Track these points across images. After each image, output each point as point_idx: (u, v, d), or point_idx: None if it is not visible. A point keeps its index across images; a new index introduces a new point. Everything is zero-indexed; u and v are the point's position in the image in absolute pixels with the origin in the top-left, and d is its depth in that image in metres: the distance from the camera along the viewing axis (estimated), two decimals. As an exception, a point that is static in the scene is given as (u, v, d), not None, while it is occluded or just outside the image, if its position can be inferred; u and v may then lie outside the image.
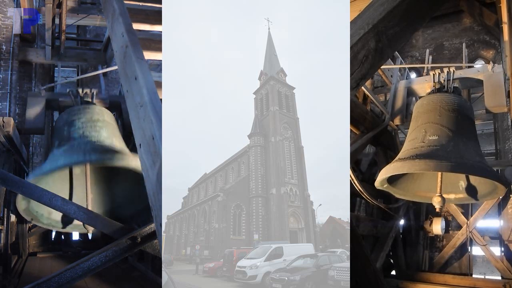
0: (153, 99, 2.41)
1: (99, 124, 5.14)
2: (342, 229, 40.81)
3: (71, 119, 5.14)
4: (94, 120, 5.16)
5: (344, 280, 12.38)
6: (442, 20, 11.00)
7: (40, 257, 8.18)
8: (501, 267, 7.13)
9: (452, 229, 8.18)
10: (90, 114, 5.21)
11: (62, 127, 5.14)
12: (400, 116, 6.80)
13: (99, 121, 5.17)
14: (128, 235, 3.79)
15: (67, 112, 5.32)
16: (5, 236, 5.96)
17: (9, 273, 5.99)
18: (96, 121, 5.16)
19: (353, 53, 2.83)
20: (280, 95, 39.60)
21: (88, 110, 5.27)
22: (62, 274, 3.45)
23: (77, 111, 5.28)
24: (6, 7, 8.44)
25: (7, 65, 8.33)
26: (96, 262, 3.59)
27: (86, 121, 5.11)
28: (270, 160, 35.49)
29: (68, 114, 5.26)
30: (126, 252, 3.81)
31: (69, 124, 5.10)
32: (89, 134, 4.98)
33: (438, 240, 8.46)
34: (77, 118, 5.14)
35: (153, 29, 4.13)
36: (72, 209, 4.06)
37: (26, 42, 8.66)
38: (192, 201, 51.56)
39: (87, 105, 5.43)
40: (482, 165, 4.38)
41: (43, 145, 9.26)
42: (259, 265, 16.02)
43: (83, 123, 5.08)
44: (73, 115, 5.18)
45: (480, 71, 5.98)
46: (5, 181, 4.37)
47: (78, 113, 5.22)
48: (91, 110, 5.29)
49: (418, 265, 8.08)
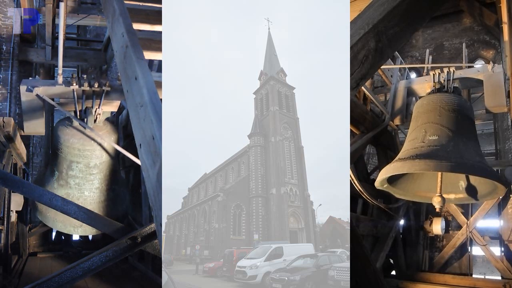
0: (153, 99, 2.42)
1: (94, 172, 5.49)
2: (342, 229, 40.78)
3: (69, 159, 5.35)
4: (91, 167, 5.44)
5: (344, 280, 12.37)
6: (442, 20, 11.00)
7: (40, 257, 8.19)
8: (501, 267, 7.13)
9: (452, 229, 8.18)
10: (88, 160, 5.37)
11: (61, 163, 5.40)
12: (400, 116, 6.80)
13: (96, 167, 5.46)
14: (128, 235, 3.80)
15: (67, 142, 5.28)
16: (5, 236, 5.95)
17: (9, 273, 5.99)
18: (93, 167, 5.45)
19: (353, 53, 2.83)
20: (280, 95, 39.58)
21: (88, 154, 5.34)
22: (63, 274, 3.45)
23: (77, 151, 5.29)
24: (6, 7, 8.44)
25: (7, 65, 8.33)
26: (97, 262, 3.60)
27: (83, 168, 5.41)
28: (270, 160, 35.48)
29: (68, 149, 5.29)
30: (126, 252, 3.82)
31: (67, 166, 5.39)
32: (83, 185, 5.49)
33: (438, 240, 8.45)
34: (75, 161, 5.35)
35: (153, 29, 4.14)
36: (73, 209, 4.06)
37: (26, 42, 8.67)
38: (192, 201, 51.54)
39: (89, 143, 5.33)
40: (482, 165, 4.37)
41: (43, 145, 9.26)
42: (259, 265, 16.01)
43: (81, 171, 5.43)
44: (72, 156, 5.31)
45: (480, 71, 5.97)
46: (5, 181, 4.37)
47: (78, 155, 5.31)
48: (90, 154, 5.35)
49: (418, 265, 8.08)
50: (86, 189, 5.54)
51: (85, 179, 5.51)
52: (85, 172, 5.47)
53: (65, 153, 5.35)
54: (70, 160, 5.38)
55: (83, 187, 5.53)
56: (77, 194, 5.50)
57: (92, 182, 5.55)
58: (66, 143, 5.26)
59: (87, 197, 5.55)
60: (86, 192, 5.54)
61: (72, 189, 5.51)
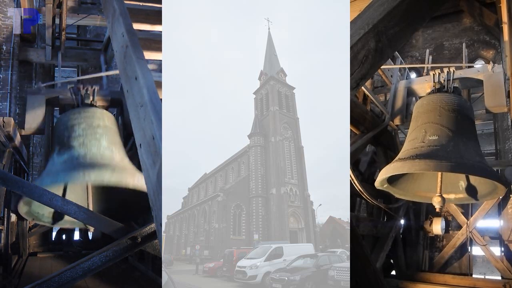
0: (153, 99, 2.42)
1: (99, 131, 4.95)
2: (342, 229, 40.79)
3: (71, 124, 5.01)
4: (94, 126, 4.99)
5: (344, 280, 12.38)
6: (442, 20, 11.00)
7: (40, 257, 8.18)
8: (501, 267, 7.13)
9: (452, 229, 8.18)
10: (91, 119, 5.06)
11: (62, 132, 5.02)
12: (400, 116, 6.80)
13: (99, 127, 5.01)
14: (128, 235, 3.80)
15: (67, 114, 5.22)
16: (6, 236, 5.95)
17: (9, 273, 5.99)
18: (97, 127, 4.99)
19: (353, 53, 2.83)
20: (280, 95, 39.60)
21: (88, 114, 5.13)
22: (63, 274, 3.45)
23: (77, 114, 5.14)
24: (6, 7, 8.45)
25: (7, 65, 8.33)
26: (97, 262, 3.60)
27: (86, 128, 4.95)
28: (270, 160, 35.49)
29: (68, 117, 5.16)
30: (127, 252, 3.82)
31: (69, 129, 4.95)
32: (88, 142, 4.78)
33: (438, 240, 8.46)
34: (77, 123, 4.98)
35: (153, 29, 4.14)
36: (73, 209, 4.06)
37: (26, 42, 8.67)
38: (192, 201, 51.55)
39: (88, 107, 5.29)
40: (482, 165, 4.38)
41: (44, 145, 9.26)
42: (259, 265, 16.02)
43: (84, 130, 4.91)
44: (73, 119, 5.05)
45: (480, 71, 5.98)
46: (5, 181, 4.37)
47: (78, 117, 5.08)
48: (91, 114, 5.15)
49: (418, 265, 8.08)
50: (94, 146, 4.74)
51: (91, 137, 4.82)
52: (89, 131, 4.89)
53: (63, 124, 5.00)
54: (71, 124, 4.93)
55: (90, 144, 4.75)
56: (82, 152, 4.66)
57: (99, 140, 4.81)
58: (64, 118, 5.13)
59: (95, 154, 4.66)
60: (94, 149, 4.71)
61: (76, 150, 4.69)
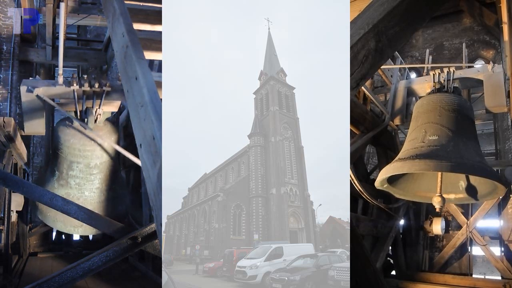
0: (154, 99, 2.42)
1: (95, 172, 5.48)
2: (342, 229, 40.77)
3: (70, 159, 5.34)
4: (91, 167, 5.44)
5: (344, 280, 12.37)
6: (442, 20, 11.00)
7: (40, 257, 8.19)
8: (501, 267, 7.13)
9: (452, 229, 8.18)
10: (88, 160, 5.37)
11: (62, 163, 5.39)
12: (400, 116, 6.80)
13: (96, 167, 5.45)
14: (128, 235, 3.80)
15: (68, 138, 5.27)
16: (6, 236, 5.95)
17: (9, 273, 5.99)
18: (94, 167, 5.44)
19: (353, 53, 2.84)
20: (280, 95, 39.58)
21: (88, 154, 5.33)
22: (63, 274, 3.46)
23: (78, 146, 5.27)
24: (7, 7, 8.45)
25: (7, 65, 8.34)
26: (97, 262, 3.60)
27: (84, 168, 5.41)
28: (270, 160, 35.47)
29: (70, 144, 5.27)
30: (127, 252, 3.83)
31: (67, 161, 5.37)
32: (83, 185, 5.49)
33: (438, 240, 8.46)
34: (76, 161, 5.34)
35: (153, 29, 4.14)
36: (73, 209, 4.06)
37: (26, 42, 8.67)
38: (192, 201, 51.53)
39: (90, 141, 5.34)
40: (482, 165, 4.38)
41: (44, 145, 9.27)
42: (259, 265, 16.01)
43: (81, 171, 5.42)
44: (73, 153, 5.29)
45: (480, 71, 5.97)
46: (5, 181, 4.38)
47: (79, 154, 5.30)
48: (91, 154, 5.35)
49: (418, 265, 8.08)
50: (87, 189, 5.55)
51: (86, 179, 5.51)
52: (85, 172, 5.47)
53: (65, 153, 5.36)
54: (71, 160, 5.38)
55: (84, 187, 5.53)
56: (77, 194, 5.50)
57: (93, 182, 5.55)
58: (67, 143, 5.27)
59: (87, 197, 5.55)
60: (87, 192, 5.55)
61: (73, 189, 5.52)
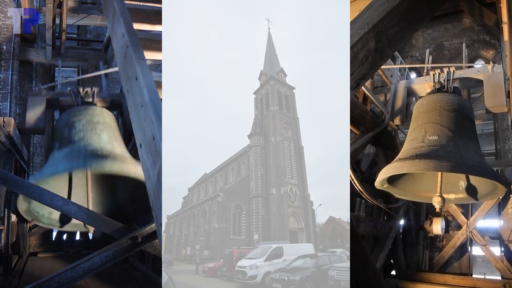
0: (154, 99, 2.42)
1: (100, 127, 4.97)
2: (342, 229, 40.79)
3: (71, 121, 5.04)
4: (95, 122, 5.01)
5: (344, 280, 12.38)
6: (442, 20, 11.01)
7: (40, 257, 8.18)
8: (501, 267, 7.13)
9: (452, 229, 8.18)
10: (91, 116, 5.09)
11: (63, 129, 5.03)
12: (400, 116, 6.80)
13: (99, 123, 5.03)
14: (128, 235, 3.80)
15: (67, 113, 5.26)
16: (6, 236, 5.95)
17: (9, 273, 5.99)
18: (97, 123, 5.01)
19: (353, 53, 2.84)
20: (280, 95, 39.59)
21: (88, 111, 5.18)
22: (63, 274, 3.45)
23: (78, 112, 5.18)
24: (7, 7, 8.45)
25: (7, 65, 8.34)
26: (97, 262, 3.60)
27: (86, 123, 4.97)
28: (270, 160, 35.48)
29: (68, 115, 5.19)
30: (127, 252, 3.82)
31: (69, 125, 4.98)
32: (89, 137, 4.76)
33: (438, 240, 8.46)
34: (77, 119, 5.02)
35: (153, 29, 4.14)
36: (73, 209, 4.06)
37: (26, 42, 8.67)
38: (192, 201, 51.54)
39: (88, 105, 5.35)
40: (482, 165, 4.38)
41: (44, 145, 9.26)
42: (259, 265, 16.02)
43: (84, 125, 4.93)
44: (74, 117, 5.09)
45: (480, 71, 5.98)
46: (5, 181, 4.37)
47: (79, 114, 5.13)
48: (91, 111, 5.20)
49: (418, 265, 8.08)
50: (94, 140, 4.71)
51: (91, 132, 4.80)
52: (89, 126, 4.87)
53: (63, 121, 5.02)
54: (71, 121, 4.92)
55: (90, 138, 4.72)
56: (82, 145, 4.64)
57: (99, 135, 4.79)
58: (64, 117, 5.15)
59: (95, 147, 4.61)
60: (95, 143, 4.68)
61: (76, 144, 4.68)
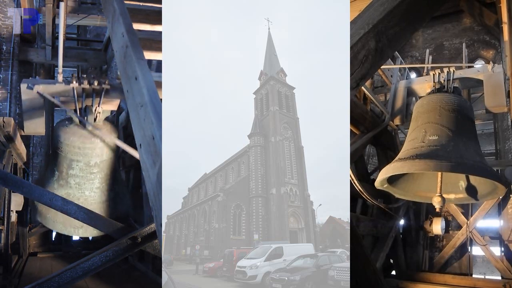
0: (154, 99, 2.42)
1: (95, 170, 5.42)
2: (342, 229, 40.78)
3: (70, 157, 5.30)
4: (91, 166, 5.37)
5: (344, 280, 12.37)
6: (442, 20, 11.00)
7: (40, 257, 8.19)
8: (501, 267, 7.13)
9: (452, 229, 8.18)
10: (88, 158, 5.32)
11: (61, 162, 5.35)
12: (400, 116, 6.80)
13: (96, 165, 5.40)
14: (128, 235, 3.80)
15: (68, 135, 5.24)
16: (6, 236, 5.95)
17: (9, 273, 5.99)
18: (94, 166, 5.39)
19: (353, 53, 2.83)
20: (280, 95, 39.58)
21: (87, 151, 5.29)
22: (63, 274, 3.45)
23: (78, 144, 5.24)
24: (6, 7, 8.45)
25: (7, 65, 8.34)
26: (97, 262, 3.60)
27: (84, 167, 5.34)
28: (270, 160, 35.47)
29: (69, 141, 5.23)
30: (127, 252, 3.82)
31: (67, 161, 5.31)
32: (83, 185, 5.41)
33: (438, 240, 8.46)
34: (75, 160, 5.29)
35: (153, 29, 4.14)
36: (73, 209, 4.06)
37: (26, 42, 8.68)
38: (192, 201, 51.53)
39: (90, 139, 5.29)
40: (482, 165, 4.37)
41: (44, 145, 9.27)
42: (259, 265, 16.01)
43: (81, 170, 5.35)
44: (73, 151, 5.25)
45: (480, 71, 5.97)
46: (5, 181, 4.37)
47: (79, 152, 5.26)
48: (91, 151, 5.31)
49: (418, 265, 8.08)
50: (87, 188, 5.48)
51: (86, 178, 5.44)
52: (85, 171, 5.42)
53: (65, 152, 5.31)
54: (70, 158, 5.33)
55: (84, 186, 5.46)
56: (77, 194, 5.45)
57: (93, 181, 5.48)
58: (66, 141, 5.23)
59: (87, 197, 5.50)
60: (87, 192, 5.47)
61: (73, 189, 5.45)
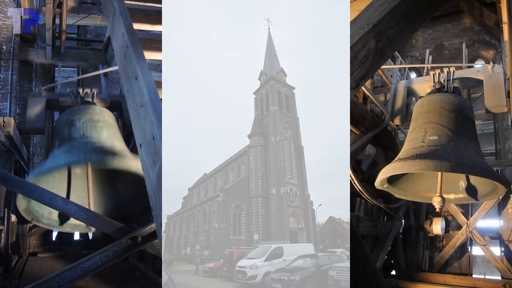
0: (154, 99, 2.42)
1: (100, 125, 5.02)
2: (342, 229, 40.79)
3: (71, 119, 5.07)
4: (95, 121, 5.05)
5: (344, 280, 12.38)
6: (442, 20, 11.00)
7: (40, 257, 8.19)
8: (501, 267, 7.13)
9: (452, 229, 8.18)
10: (91, 115, 5.13)
11: (63, 127, 5.06)
12: (400, 116, 6.80)
13: (99, 121, 5.08)
14: (128, 235, 3.79)
15: (68, 112, 5.28)
16: (6, 236, 5.95)
17: (9, 273, 5.99)
18: (97, 121, 5.06)
19: (353, 53, 2.83)
20: (280, 95, 39.59)
21: (88, 110, 5.21)
22: (63, 274, 3.45)
23: (78, 111, 5.22)
24: (7, 7, 8.45)
25: (7, 65, 8.34)
26: (97, 262, 3.59)
27: (86, 121, 5.01)
28: (270, 160, 35.48)
29: (68, 114, 5.21)
30: (127, 252, 3.82)
31: (69, 124, 5.01)
32: (89, 134, 4.80)
33: (438, 240, 8.46)
34: (77, 118, 5.05)
35: (153, 29, 4.14)
36: (73, 209, 4.05)
37: (26, 42, 8.68)
38: (192, 201, 51.53)
39: (88, 105, 5.38)
40: (482, 165, 4.38)
41: (44, 145, 9.26)
42: (259, 265, 16.02)
43: (84, 123, 4.97)
44: (74, 115, 5.12)
45: (480, 71, 5.97)
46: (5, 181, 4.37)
47: (79, 113, 5.16)
48: (91, 110, 5.23)
49: (418, 265, 8.08)
50: (94, 137, 4.73)
51: (91, 129, 4.81)
52: (89, 124, 4.89)
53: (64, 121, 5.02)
54: (71, 120, 4.92)
55: (90, 136, 4.73)
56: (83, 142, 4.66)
57: (100, 133, 4.82)
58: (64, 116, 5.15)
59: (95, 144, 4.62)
60: (95, 140, 4.69)
61: (76, 141, 4.70)
